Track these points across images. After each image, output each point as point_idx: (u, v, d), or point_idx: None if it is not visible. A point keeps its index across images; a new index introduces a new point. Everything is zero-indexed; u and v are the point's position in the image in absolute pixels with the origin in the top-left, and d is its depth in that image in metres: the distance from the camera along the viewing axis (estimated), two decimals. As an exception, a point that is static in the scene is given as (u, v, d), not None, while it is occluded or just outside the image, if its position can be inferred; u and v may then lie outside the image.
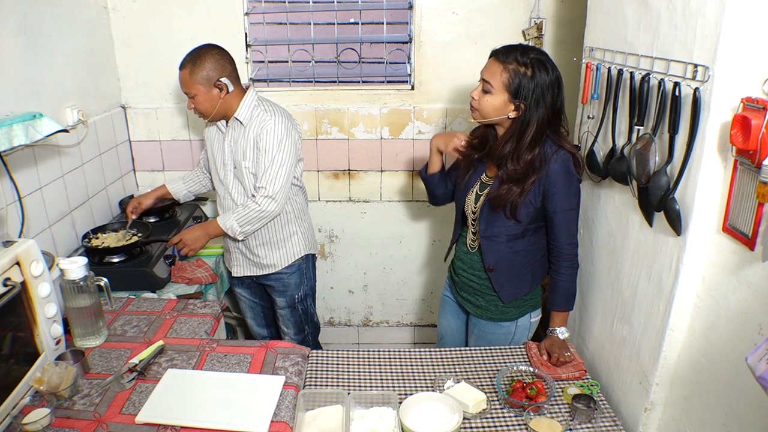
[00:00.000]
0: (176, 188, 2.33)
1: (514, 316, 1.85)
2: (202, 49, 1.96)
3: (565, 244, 1.71)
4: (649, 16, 1.49)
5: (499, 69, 1.60)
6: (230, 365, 1.59)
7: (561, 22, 2.48)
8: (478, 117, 1.69)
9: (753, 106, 1.14)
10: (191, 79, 1.94)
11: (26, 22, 1.88)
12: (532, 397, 1.53)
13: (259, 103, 2.05)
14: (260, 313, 2.42)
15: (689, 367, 1.43)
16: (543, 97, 1.58)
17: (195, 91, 1.96)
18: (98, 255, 2.05)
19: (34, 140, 1.75)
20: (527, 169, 1.63)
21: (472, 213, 1.80)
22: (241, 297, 2.40)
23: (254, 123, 2.02)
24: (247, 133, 2.02)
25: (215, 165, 2.15)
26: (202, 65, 1.93)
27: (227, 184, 2.12)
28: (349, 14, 2.57)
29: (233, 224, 2.02)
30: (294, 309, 2.30)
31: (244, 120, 2.02)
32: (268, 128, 1.99)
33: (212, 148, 2.15)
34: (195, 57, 1.94)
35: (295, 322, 2.32)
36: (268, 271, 2.21)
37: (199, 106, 1.99)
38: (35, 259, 1.46)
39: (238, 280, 2.33)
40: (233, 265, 2.26)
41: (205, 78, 1.94)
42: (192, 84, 1.94)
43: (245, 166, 2.04)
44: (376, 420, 1.44)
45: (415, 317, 3.09)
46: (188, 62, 1.94)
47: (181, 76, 1.95)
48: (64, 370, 1.43)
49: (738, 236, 1.23)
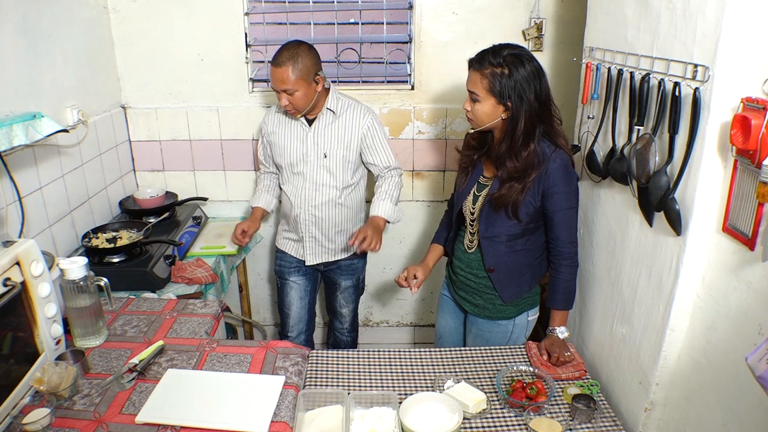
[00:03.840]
0: (268, 201, 2.39)
1: (512, 315, 1.85)
2: (296, 45, 1.99)
3: (565, 243, 1.72)
4: (649, 16, 1.49)
5: (478, 77, 1.62)
6: (230, 365, 1.59)
7: (561, 22, 2.48)
8: (476, 125, 1.71)
9: (753, 106, 1.14)
10: (294, 75, 1.96)
11: (26, 22, 1.88)
12: (532, 397, 1.53)
13: (339, 94, 2.18)
14: (307, 303, 2.44)
15: (689, 367, 1.43)
16: (524, 91, 1.59)
17: (297, 87, 1.98)
18: (98, 255, 2.05)
19: (34, 140, 1.75)
20: (527, 166, 1.63)
21: (470, 213, 1.81)
22: (294, 285, 2.39)
23: (347, 113, 2.15)
24: (340, 122, 2.14)
25: (291, 159, 2.19)
26: (303, 61, 1.96)
27: (309, 175, 2.17)
28: (349, 14, 2.57)
29: (393, 210, 2.19)
30: (356, 288, 2.45)
31: (336, 110, 2.13)
32: (370, 117, 2.16)
33: (287, 144, 2.18)
34: (294, 53, 1.96)
35: (354, 298, 2.47)
36: (341, 257, 2.31)
37: (299, 101, 2.02)
38: (35, 259, 1.46)
39: (295, 269, 2.36)
40: (307, 254, 2.29)
41: (307, 73, 1.98)
42: (295, 80, 1.96)
43: (342, 155, 2.15)
44: (376, 420, 1.44)
45: (414, 317, 3.09)
46: (288, 59, 1.95)
47: (281, 73, 1.96)
48: (64, 370, 1.43)
49: (738, 236, 1.23)
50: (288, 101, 2.02)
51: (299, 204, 2.22)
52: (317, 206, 2.20)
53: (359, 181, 2.27)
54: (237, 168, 2.74)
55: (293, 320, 2.42)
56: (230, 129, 2.67)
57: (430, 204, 2.80)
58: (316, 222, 2.23)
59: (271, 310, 3.09)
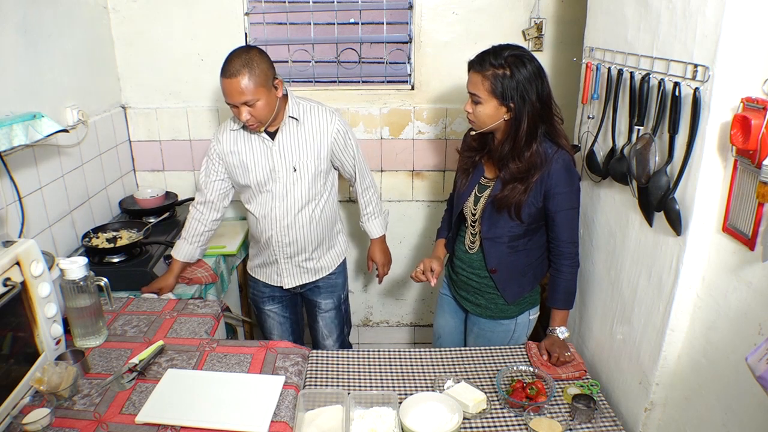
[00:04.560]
0: (191, 254, 2.07)
1: (514, 314, 1.85)
2: (246, 51, 1.78)
3: (566, 242, 1.72)
4: (649, 16, 1.49)
5: (479, 79, 1.61)
6: (230, 365, 1.59)
7: (561, 22, 2.48)
8: (478, 127, 1.70)
9: (753, 106, 1.14)
10: (252, 83, 1.74)
11: (26, 22, 1.88)
12: (532, 397, 1.53)
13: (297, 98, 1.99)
14: (288, 329, 2.30)
15: (689, 367, 1.43)
16: (527, 91, 1.58)
17: (258, 96, 1.77)
18: (98, 255, 2.05)
19: (34, 140, 1.75)
20: (530, 166, 1.63)
21: (472, 214, 1.81)
22: (270, 314, 2.26)
23: (310, 118, 1.95)
24: (305, 129, 1.95)
25: (257, 179, 1.97)
26: (259, 66, 1.75)
27: (278, 193, 1.97)
28: (349, 14, 2.57)
29: (385, 223, 2.18)
30: (338, 310, 2.24)
31: (299, 116, 1.94)
32: (337, 120, 1.98)
33: (250, 162, 1.96)
34: (247, 59, 1.74)
35: (338, 324, 2.25)
36: (321, 275, 2.14)
37: (261, 112, 1.80)
38: (35, 259, 1.46)
39: (268, 297, 2.21)
40: (284, 278, 2.12)
41: (265, 79, 1.77)
42: (255, 88, 1.75)
43: (312, 166, 1.95)
44: (376, 420, 1.44)
45: (414, 317, 3.09)
46: (242, 66, 1.73)
47: (236, 84, 1.73)
48: (64, 370, 1.43)
49: (738, 236, 1.23)
50: (249, 114, 1.79)
51: (270, 225, 2.01)
52: (290, 225, 2.00)
53: (331, 188, 2.09)
54: (237, 168, 2.74)
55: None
56: (230, 129, 2.67)
57: (430, 204, 2.80)
58: (291, 242, 2.03)
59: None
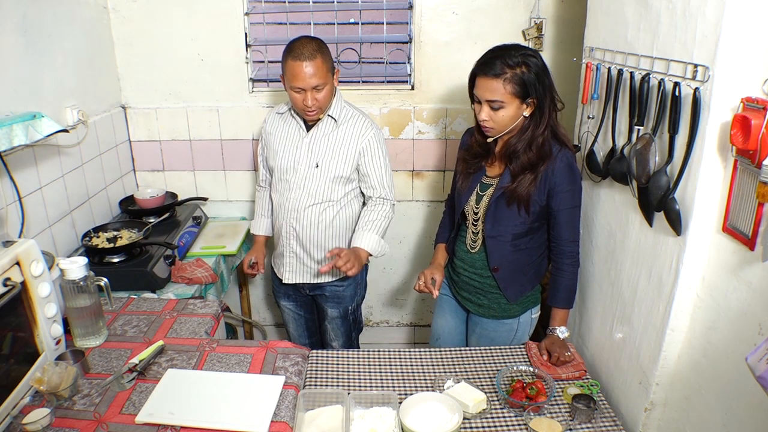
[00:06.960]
0: (267, 227, 2.24)
1: (517, 313, 1.86)
2: (312, 38, 1.83)
3: (567, 241, 1.73)
4: (649, 16, 1.49)
5: (498, 84, 1.59)
6: (230, 365, 1.59)
7: (561, 22, 2.48)
8: (495, 133, 1.69)
9: (753, 106, 1.14)
10: (326, 66, 1.80)
11: (26, 22, 1.88)
12: (532, 397, 1.53)
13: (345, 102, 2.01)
14: (303, 324, 2.33)
15: (689, 367, 1.43)
16: (544, 83, 1.62)
17: (327, 81, 1.82)
18: (98, 255, 2.05)
19: (34, 140, 1.75)
20: (541, 155, 1.65)
21: (473, 213, 1.81)
22: (285, 309, 2.30)
23: (348, 123, 1.96)
24: (340, 132, 1.95)
25: (281, 164, 2.01)
26: (327, 52, 1.80)
27: (295, 184, 1.99)
28: (349, 14, 2.57)
29: (377, 243, 1.97)
30: (345, 319, 2.22)
31: (339, 118, 1.94)
32: (373, 132, 1.97)
33: (280, 147, 2.02)
34: (318, 44, 1.80)
35: (344, 332, 2.24)
36: (323, 280, 2.13)
37: (325, 98, 1.86)
38: (35, 259, 1.46)
39: (283, 293, 2.25)
40: (285, 271, 2.14)
41: (332, 66, 1.82)
42: (326, 72, 1.81)
43: (334, 167, 1.95)
44: (376, 420, 1.44)
45: (414, 317, 3.09)
46: (316, 50, 1.79)
47: (312, 66, 1.77)
48: (64, 370, 1.43)
49: (738, 236, 1.23)
50: (315, 99, 1.83)
51: (282, 215, 2.06)
52: (298, 219, 2.03)
53: (351, 200, 2.07)
54: (237, 168, 2.74)
55: (295, 341, 2.35)
56: (230, 129, 2.67)
57: (430, 204, 2.80)
58: (296, 236, 2.06)
59: (271, 310, 3.09)
